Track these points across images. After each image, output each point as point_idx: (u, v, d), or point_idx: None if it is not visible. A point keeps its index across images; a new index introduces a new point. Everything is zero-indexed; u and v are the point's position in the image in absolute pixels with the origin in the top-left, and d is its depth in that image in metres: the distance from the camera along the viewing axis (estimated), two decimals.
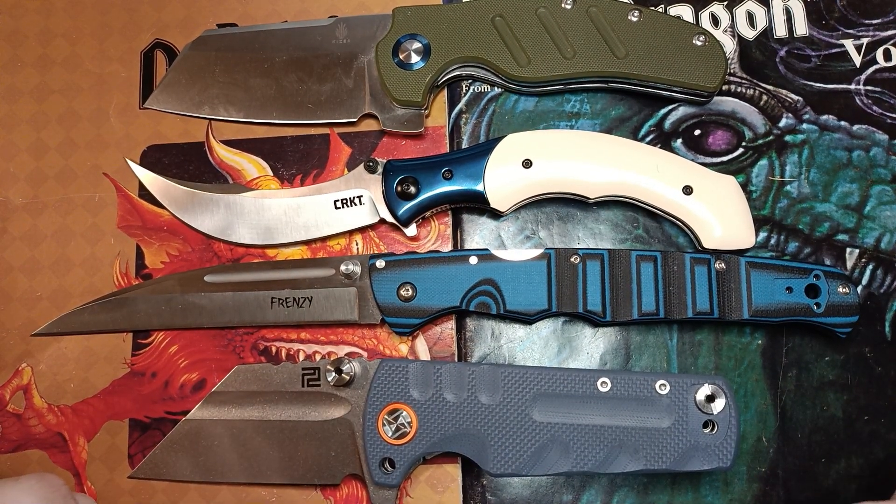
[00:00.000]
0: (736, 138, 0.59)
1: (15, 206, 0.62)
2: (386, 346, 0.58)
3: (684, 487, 0.54)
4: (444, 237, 0.60)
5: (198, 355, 0.59)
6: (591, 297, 0.54)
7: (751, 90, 0.60)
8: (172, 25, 0.65)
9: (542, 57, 0.58)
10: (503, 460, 0.50)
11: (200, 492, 0.56)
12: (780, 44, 0.61)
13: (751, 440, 0.54)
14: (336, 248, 0.60)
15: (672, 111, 0.60)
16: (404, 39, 0.60)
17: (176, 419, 0.57)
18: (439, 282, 0.55)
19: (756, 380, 0.55)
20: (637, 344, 0.56)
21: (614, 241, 0.58)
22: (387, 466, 0.51)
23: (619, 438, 0.49)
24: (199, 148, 0.63)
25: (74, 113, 0.64)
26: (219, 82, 0.62)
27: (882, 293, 0.56)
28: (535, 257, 0.55)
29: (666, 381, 0.49)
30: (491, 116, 0.61)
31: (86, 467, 0.57)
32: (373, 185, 0.58)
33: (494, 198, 0.56)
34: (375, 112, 0.61)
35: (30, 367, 0.59)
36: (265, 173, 0.62)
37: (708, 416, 0.48)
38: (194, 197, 0.60)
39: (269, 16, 0.65)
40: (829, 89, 0.60)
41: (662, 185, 0.56)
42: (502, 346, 0.57)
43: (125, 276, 0.60)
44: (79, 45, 0.65)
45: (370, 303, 0.56)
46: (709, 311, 0.53)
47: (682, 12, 0.62)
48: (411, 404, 0.51)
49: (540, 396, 0.50)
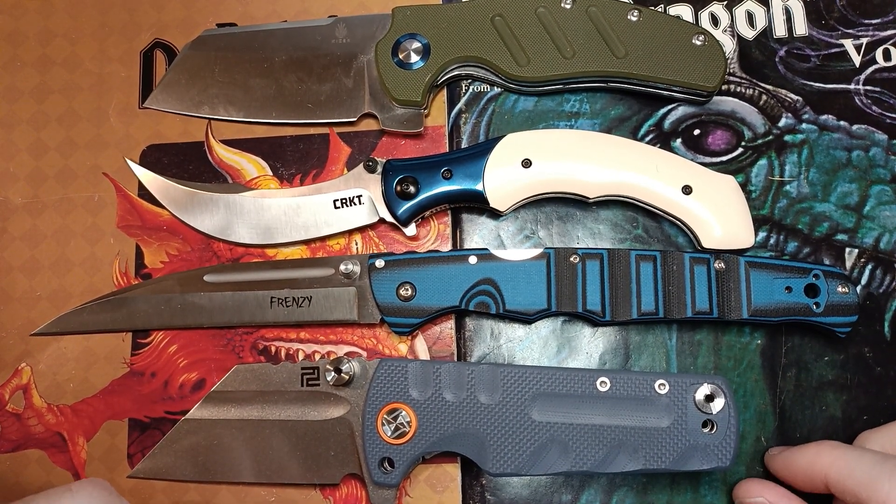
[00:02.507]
0: (735, 138, 0.59)
1: (15, 206, 0.62)
2: (385, 346, 0.58)
3: (683, 487, 0.54)
4: (444, 237, 0.60)
5: (197, 355, 0.59)
6: (591, 297, 0.54)
7: (750, 90, 0.60)
8: (172, 25, 0.65)
9: (541, 56, 0.58)
10: (502, 460, 0.50)
11: (200, 491, 0.56)
12: (779, 44, 0.61)
13: (750, 440, 0.54)
14: (335, 248, 0.60)
15: (672, 111, 0.60)
16: (404, 39, 0.60)
17: (175, 419, 0.57)
18: (439, 281, 0.55)
19: (755, 380, 0.55)
20: (636, 344, 0.56)
21: (614, 240, 0.58)
22: (386, 466, 0.51)
23: (619, 438, 0.49)
24: (198, 148, 0.63)
25: (74, 113, 0.64)
26: (218, 82, 0.62)
27: (881, 293, 0.56)
28: (534, 257, 0.55)
29: (665, 380, 0.49)
30: (490, 116, 0.61)
31: (85, 467, 0.57)
32: (372, 184, 0.58)
33: (494, 197, 0.56)
34: (375, 112, 0.61)
35: (29, 367, 0.59)
36: (265, 173, 0.62)
37: (707, 416, 0.48)
38: (194, 196, 0.60)
39: (269, 16, 0.65)
40: (828, 89, 0.60)
41: (662, 184, 0.56)
42: (502, 346, 0.57)
43: (125, 276, 0.60)
44: (79, 45, 0.65)
45: (369, 302, 0.56)
46: (708, 310, 0.53)
47: (682, 12, 0.62)
48: (411, 404, 0.51)
49: (539, 396, 0.50)
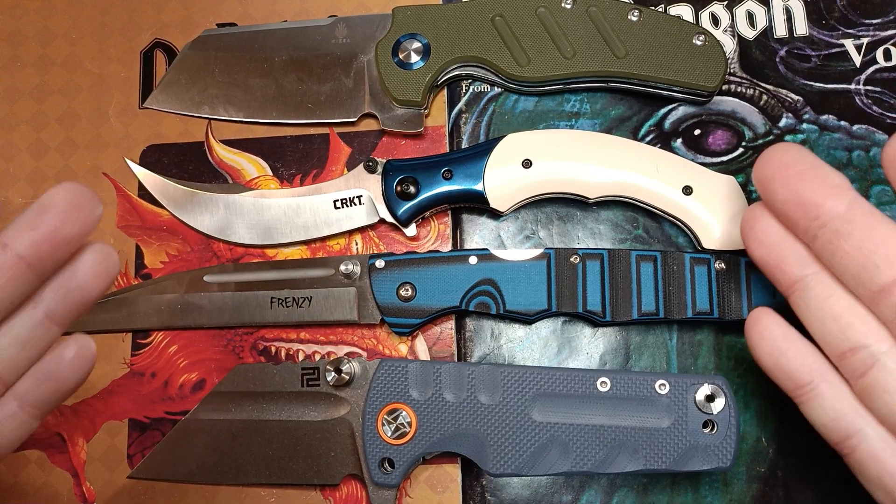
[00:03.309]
0: (736, 138, 0.59)
1: (15, 207, 0.62)
2: (385, 346, 0.58)
3: (684, 488, 0.54)
4: (444, 237, 0.60)
5: (197, 355, 0.58)
6: (591, 297, 0.54)
7: (751, 90, 0.60)
8: (172, 25, 0.65)
9: (541, 57, 0.58)
10: (503, 460, 0.50)
11: (200, 492, 0.56)
12: (780, 44, 0.61)
13: (750, 440, 0.54)
14: (336, 248, 0.60)
15: (672, 111, 0.60)
16: (404, 39, 0.60)
17: (175, 419, 0.57)
18: (439, 282, 0.55)
19: (756, 380, 0.55)
20: (637, 344, 0.56)
21: (614, 241, 0.58)
22: (386, 466, 0.51)
23: (619, 438, 0.49)
24: (198, 148, 0.63)
25: (74, 113, 0.64)
26: (218, 82, 0.62)
27: None
28: (534, 257, 0.55)
29: (666, 380, 0.49)
30: (491, 116, 0.61)
31: (85, 468, 0.57)
32: (372, 184, 0.58)
33: (494, 198, 0.56)
34: (375, 112, 0.61)
35: None
36: (265, 173, 0.62)
37: (708, 416, 0.48)
38: (194, 197, 0.60)
39: (269, 16, 0.65)
40: (829, 89, 0.60)
41: (662, 185, 0.56)
42: (502, 346, 0.57)
43: (124, 276, 0.60)
44: (79, 46, 0.65)
45: (370, 303, 0.56)
46: (708, 310, 0.53)
47: (682, 12, 0.62)
48: (411, 404, 0.51)
49: (539, 396, 0.50)
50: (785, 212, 0.42)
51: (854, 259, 0.40)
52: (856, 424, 0.43)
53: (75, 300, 0.42)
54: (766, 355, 0.45)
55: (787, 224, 0.43)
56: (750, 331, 0.46)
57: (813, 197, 0.41)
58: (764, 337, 0.45)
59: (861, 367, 0.41)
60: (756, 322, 0.45)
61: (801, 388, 0.44)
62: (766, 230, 0.44)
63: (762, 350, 0.45)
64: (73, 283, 0.42)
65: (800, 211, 0.42)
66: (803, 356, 0.44)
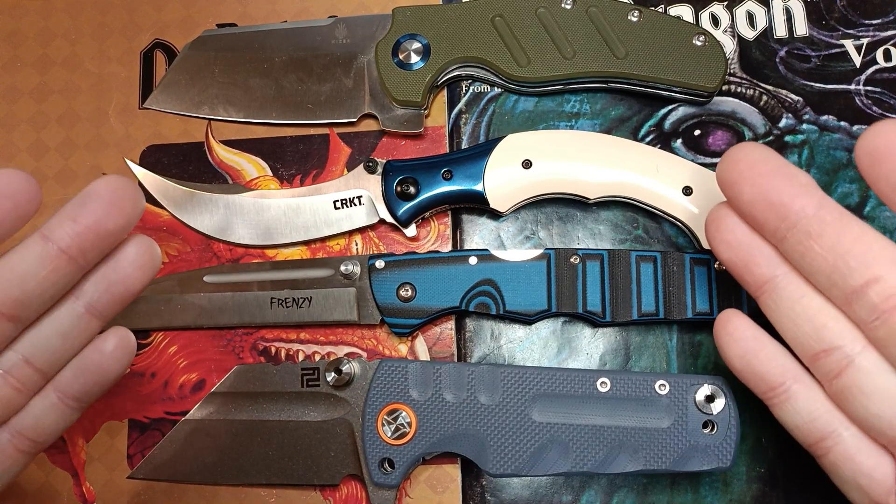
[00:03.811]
0: (736, 138, 0.59)
1: None
2: (385, 347, 0.58)
3: (684, 488, 0.54)
4: (444, 237, 0.60)
5: (197, 355, 0.58)
6: (591, 298, 0.54)
7: (751, 90, 0.60)
8: (172, 25, 0.65)
9: (541, 57, 0.58)
10: (502, 461, 0.50)
11: (199, 492, 0.56)
12: (780, 44, 0.61)
13: (750, 440, 0.54)
14: (335, 249, 0.60)
15: (672, 111, 0.60)
16: (404, 39, 0.60)
17: (175, 419, 0.57)
18: (439, 282, 0.55)
19: None
20: (637, 344, 0.56)
21: (614, 241, 0.58)
22: (386, 467, 0.51)
23: (619, 439, 0.49)
24: (198, 148, 0.63)
25: (74, 113, 0.64)
26: (218, 82, 0.62)
27: None
28: (534, 258, 0.55)
29: (665, 381, 0.49)
30: (491, 117, 0.61)
31: (84, 468, 0.57)
32: (372, 185, 0.58)
33: (494, 198, 0.56)
34: (375, 112, 0.61)
35: None
36: (265, 173, 0.62)
37: (708, 417, 0.48)
38: (193, 197, 0.60)
39: (269, 16, 0.65)
40: (829, 89, 0.60)
41: (662, 185, 0.56)
42: (502, 347, 0.57)
43: None
44: (79, 46, 0.65)
45: (370, 303, 0.56)
46: (708, 311, 0.53)
47: (682, 12, 0.62)
48: (411, 404, 0.51)
49: (539, 397, 0.50)
50: (752, 213, 0.41)
51: (826, 260, 0.39)
52: (830, 426, 0.42)
53: (118, 293, 0.42)
54: (736, 358, 0.44)
55: (754, 225, 0.42)
56: (719, 333, 0.44)
57: (781, 197, 0.40)
58: (734, 339, 0.44)
59: (835, 369, 0.41)
60: (726, 324, 0.44)
61: (774, 390, 0.43)
62: (732, 230, 0.43)
63: (732, 352, 0.44)
64: (116, 276, 0.41)
65: (768, 211, 0.40)
66: (775, 358, 0.43)
